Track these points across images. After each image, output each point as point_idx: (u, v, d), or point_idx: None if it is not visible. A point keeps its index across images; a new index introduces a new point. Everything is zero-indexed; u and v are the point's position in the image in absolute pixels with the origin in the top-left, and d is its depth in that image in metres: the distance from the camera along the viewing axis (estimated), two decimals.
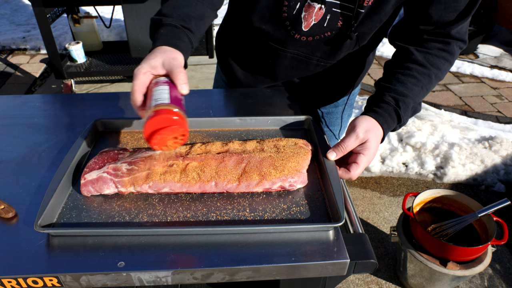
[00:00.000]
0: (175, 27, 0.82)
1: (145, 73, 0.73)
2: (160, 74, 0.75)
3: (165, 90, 0.69)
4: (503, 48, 4.12)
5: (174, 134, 0.67)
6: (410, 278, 1.69)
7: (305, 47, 0.97)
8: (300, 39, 0.94)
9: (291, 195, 0.74)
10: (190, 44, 0.84)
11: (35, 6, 2.55)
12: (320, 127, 0.90)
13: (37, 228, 0.62)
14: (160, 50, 0.77)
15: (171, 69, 0.74)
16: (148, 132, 0.66)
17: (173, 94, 0.69)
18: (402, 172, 2.43)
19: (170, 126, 0.65)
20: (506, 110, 3.10)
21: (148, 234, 0.65)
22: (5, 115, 0.99)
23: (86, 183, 0.72)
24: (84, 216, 0.68)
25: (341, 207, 0.66)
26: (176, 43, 0.80)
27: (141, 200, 0.72)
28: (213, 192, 0.73)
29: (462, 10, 0.82)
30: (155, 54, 0.76)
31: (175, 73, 0.73)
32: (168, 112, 0.65)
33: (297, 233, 0.66)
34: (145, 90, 0.73)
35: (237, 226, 0.66)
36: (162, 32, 0.81)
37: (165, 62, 0.74)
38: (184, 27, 0.84)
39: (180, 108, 0.67)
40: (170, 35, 0.81)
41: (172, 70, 0.73)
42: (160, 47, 0.79)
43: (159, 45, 0.79)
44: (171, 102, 0.67)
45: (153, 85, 0.72)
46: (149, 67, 0.74)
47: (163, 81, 0.72)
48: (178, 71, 0.73)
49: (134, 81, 0.73)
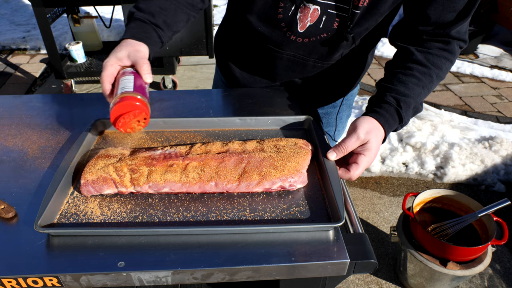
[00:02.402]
0: (144, 22, 0.88)
1: (112, 65, 0.81)
2: (126, 65, 0.83)
3: (130, 79, 0.78)
4: (503, 48, 4.12)
5: (137, 118, 0.77)
6: (410, 278, 1.69)
7: (301, 49, 0.97)
8: (296, 40, 0.94)
9: (291, 195, 0.74)
10: (158, 39, 0.90)
11: (35, 6, 2.55)
12: (320, 127, 0.90)
13: (37, 228, 0.62)
14: (126, 43, 0.84)
15: (136, 61, 0.81)
16: (114, 116, 0.76)
17: (137, 83, 0.79)
18: (402, 172, 2.43)
19: (133, 111, 0.76)
20: (506, 110, 3.10)
21: (148, 234, 0.65)
22: (5, 115, 0.99)
23: (86, 183, 0.72)
24: (84, 216, 0.69)
25: (341, 207, 0.66)
26: (142, 37, 0.86)
27: (141, 200, 0.72)
28: (213, 192, 0.73)
29: (461, 10, 0.82)
30: (121, 47, 0.83)
31: (140, 64, 0.81)
32: (131, 98, 0.75)
33: (297, 233, 0.66)
34: (113, 80, 0.81)
35: (237, 226, 0.66)
36: (131, 26, 0.88)
37: (130, 54, 0.82)
38: (152, 23, 0.89)
39: (142, 95, 0.77)
40: (137, 29, 0.87)
41: (137, 61, 0.81)
42: (126, 40, 0.85)
43: (125, 38, 0.86)
44: (134, 90, 0.76)
45: (120, 75, 0.80)
46: (116, 59, 0.81)
47: (129, 71, 0.81)
48: (142, 62, 0.81)
49: (102, 72, 0.81)
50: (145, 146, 0.87)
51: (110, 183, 0.72)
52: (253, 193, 0.74)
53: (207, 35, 2.90)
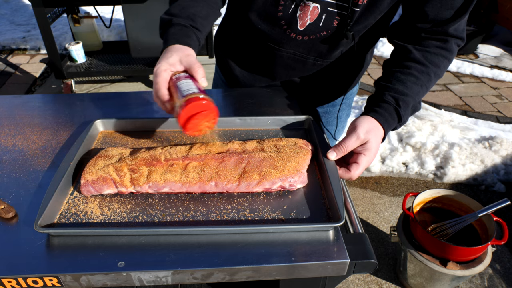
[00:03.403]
0: (185, 26, 0.88)
1: (165, 70, 0.79)
2: (179, 71, 0.81)
3: (190, 82, 0.77)
4: (503, 48, 4.12)
5: (207, 118, 0.75)
6: (410, 278, 1.69)
7: (301, 47, 0.97)
8: (296, 38, 0.94)
9: (291, 195, 0.74)
10: (197, 42, 0.90)
11: (35, 6, 2.55)
12: (320, 127, 0.90)
13: (37, 228, 0.62)
14: (174, 48, 0.83)
15: (189, 65, 0.80)
16: (184, 118, 0.73)
17: (197, 85, 0.77)
18: (402, 172, 2.43)
19: (203, 111, 0.73)
20: (506, 110, 3.10)
21: (148, 234, 0.65)
22: (5, 115, 0.99)
23: (86, 183, 0.72)
24: (84, 216, 0.68)
25: (341, 207, 0.66)
26: (187, 41, 0.86)
27: (141, 200, 0.72)
28: (213, 192, 0.73)
29: (459, 8, 0.82)
30: (171, 52, 0.82)
31: (194, 68, 0.80)
32: (200, 99, 0.73)
33: (297, 233, 0.66)
34: (168, 85, 0.79)
35: (237, 226, 0.66)
36: (173, 31, 0.87)
37: (182, 59, 0.81)
38: (193, 26, 0.89)
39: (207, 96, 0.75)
40: (180, 34, 0.87)
41: (191, 65, 0.80)
42: (173, 45, 0.84)
43: (172, 44, 0.84)
44: (200, 91, 0.75)
45: (176, 80, 0.78)
46: (168, 64, 0.80)
47: (184, 75, 0.80)
48: (196, 66, 0.80)
49: (156, 78, 0.78)
50: (145, 146, 0.87)
51: (110, 183, 0.72)
52: (253, 193, 0.74)
53: (207, 35, 2.90)
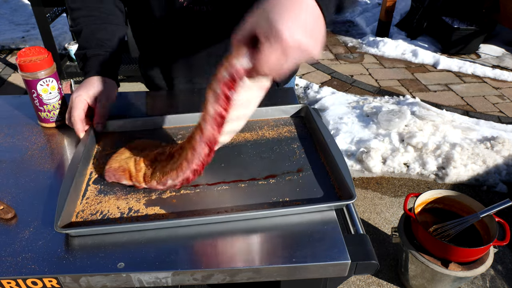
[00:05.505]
0: (98, 55, 0.93)
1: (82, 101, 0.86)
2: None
3: None
4: (505, 48, 4.11)
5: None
6: (412, 279, 1.69)
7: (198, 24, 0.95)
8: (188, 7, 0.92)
9: (301, 180, 0.75)
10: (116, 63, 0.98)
11: (34, 5, 2.55)
12: (317, 112, 0.92)
13: (57, 229, 0.61)
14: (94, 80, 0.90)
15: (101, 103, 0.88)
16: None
17: None
18: (404, 172, 2.43)
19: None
20: (508, 110, 3.10)
21: (150, 228, 0.64)
22: (5, 115, 0.99)
23: (110, 169, 0.75)
24: (101, 215, 0.68)
25: (351, 185, 0.68)
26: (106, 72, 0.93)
27: (153, 197, 0.72)
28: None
29: None
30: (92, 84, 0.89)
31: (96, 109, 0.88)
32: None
33: (298, 233, 0.65)
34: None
35: (243, 212, 0.67)
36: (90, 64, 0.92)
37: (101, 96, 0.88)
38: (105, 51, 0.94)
39: None
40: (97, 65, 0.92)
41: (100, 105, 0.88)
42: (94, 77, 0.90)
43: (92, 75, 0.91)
44: None
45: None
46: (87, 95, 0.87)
47: None
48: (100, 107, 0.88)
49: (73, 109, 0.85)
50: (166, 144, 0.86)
51: (127, 175, 0.73)
52: (258, 180, 0.75)
53: None
